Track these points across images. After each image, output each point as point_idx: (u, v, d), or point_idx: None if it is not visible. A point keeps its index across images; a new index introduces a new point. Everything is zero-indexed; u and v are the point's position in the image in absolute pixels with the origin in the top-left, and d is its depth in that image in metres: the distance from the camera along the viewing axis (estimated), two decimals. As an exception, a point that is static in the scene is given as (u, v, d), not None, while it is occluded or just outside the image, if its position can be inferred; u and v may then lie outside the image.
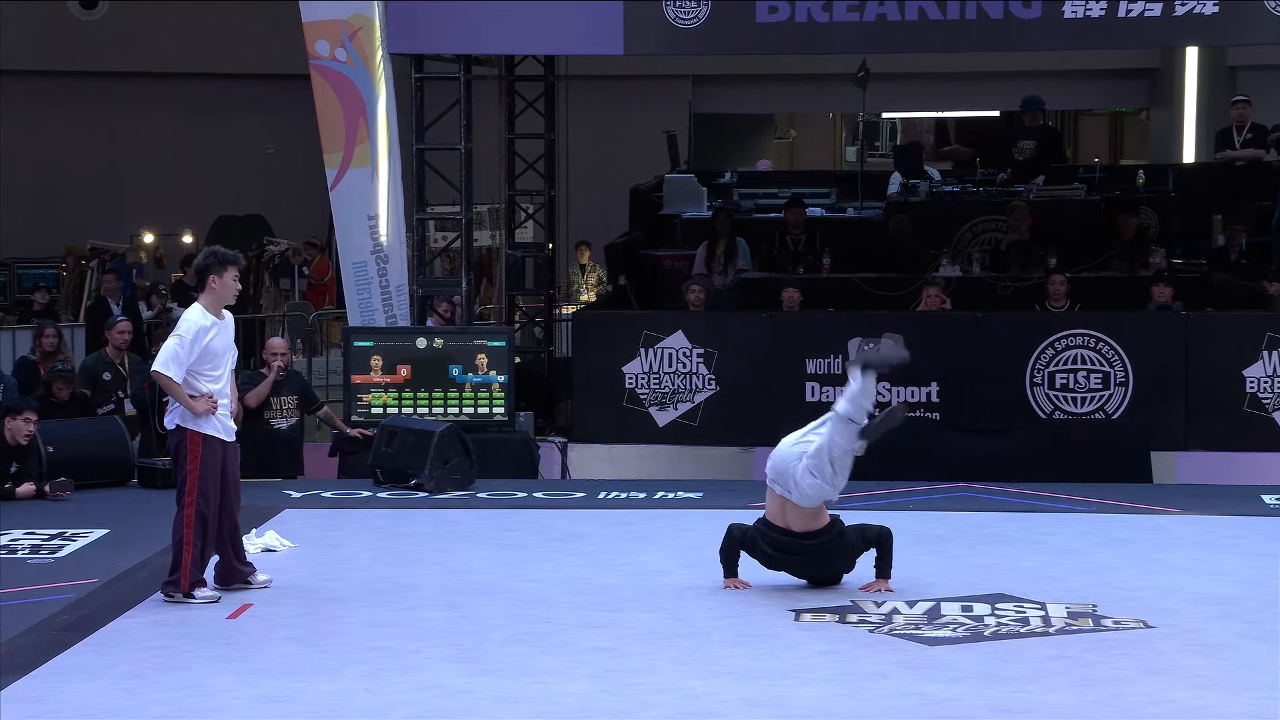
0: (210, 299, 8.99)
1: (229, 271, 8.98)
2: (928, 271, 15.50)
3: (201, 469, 8.91)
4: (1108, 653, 8.04)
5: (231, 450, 9.11)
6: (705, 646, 8.16)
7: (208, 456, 8.92)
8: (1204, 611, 8.75)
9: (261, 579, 9.22)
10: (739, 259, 16.16)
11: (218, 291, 8.98)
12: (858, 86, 18.45)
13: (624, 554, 10.20)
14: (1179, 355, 13.71)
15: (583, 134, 16.96)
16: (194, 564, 8.92)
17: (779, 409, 13.96)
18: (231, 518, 9.16)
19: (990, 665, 7.85)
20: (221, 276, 8.96)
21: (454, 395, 13.61)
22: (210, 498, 8.94)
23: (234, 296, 9.14)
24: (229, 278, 8.98)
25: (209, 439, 8.94)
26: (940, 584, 9.32)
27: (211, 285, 8.97)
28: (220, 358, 8.99)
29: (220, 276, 8.96)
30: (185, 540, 8.89)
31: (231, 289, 9.03)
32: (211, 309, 8.98)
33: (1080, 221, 16.33)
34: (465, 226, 14.42)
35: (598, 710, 7.25)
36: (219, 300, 9.01)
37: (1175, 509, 11.48)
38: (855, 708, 7.28)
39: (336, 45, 14.22)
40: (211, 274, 8.96)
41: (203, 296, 9.01)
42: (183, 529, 8.91)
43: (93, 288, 19.87)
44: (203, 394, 8.89)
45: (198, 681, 7.65)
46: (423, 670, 7.81)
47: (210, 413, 8.91)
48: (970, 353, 13.88)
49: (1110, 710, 7.24)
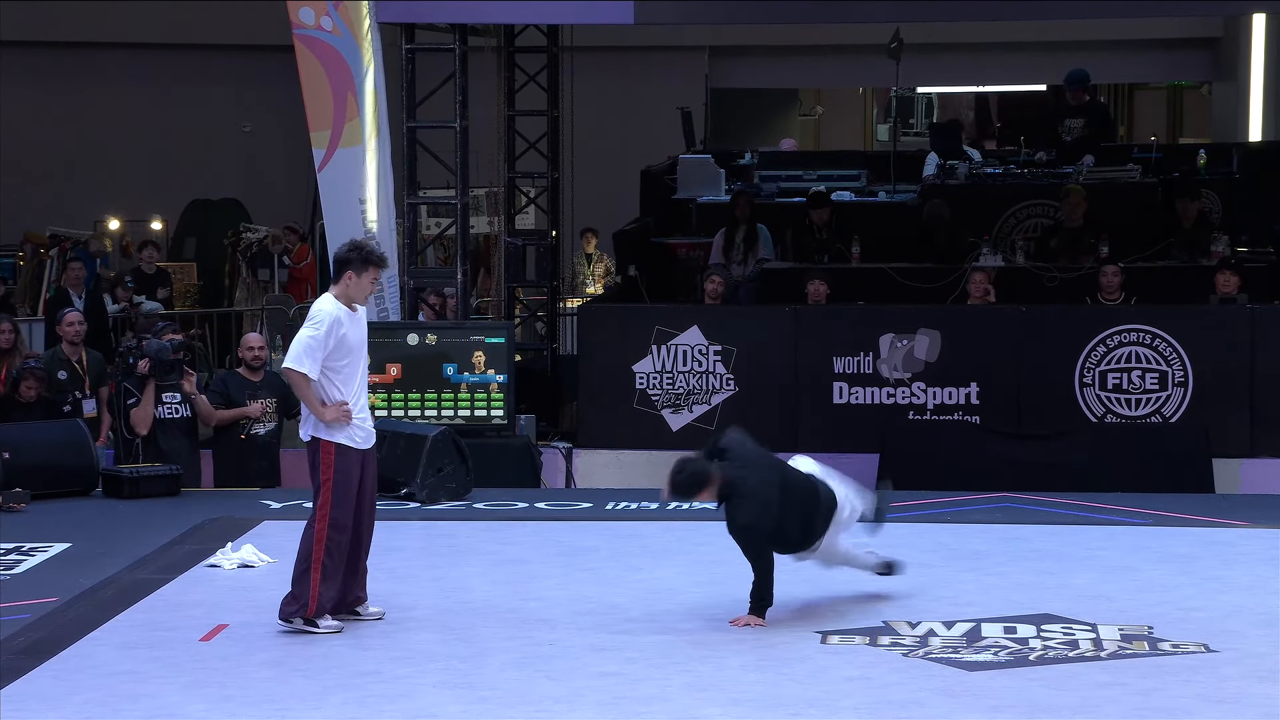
0: (341, 294, 8.95)
1: (369, 273, 8.94)
2: (967, 261, 15.50)
3: (336, 480, 8.87)
4: (1165, 680, 8.04)
5: (370, 460, 9.05)
6: (722, 671, 8.17)
7: (343, 467, 8.88)
8: (1272, 634, 8.74)
9: (374, 611, 9.16)
10: (760, 248, 16.18)
11: (350, 290, 8.94)
12: (890, 58, 18.45)
13: (634, 570, 10.21)
14: (1244, 353, 13.70)
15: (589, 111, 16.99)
16: (324, 585, 8.85)
17: (803, 412, 14.00)
18: (360, 539, 9.09)
19: (1035, 693, 7.85)
20: (360, 276, 8.92)
21: (448, 396, 13.63)
22: (346, 512, 8.90)
23: (365, 299, 9.12)
24: (367, 280, 8.95)
25: (344, 449, 8.89)
26: (981, 603, 9.32)
27: (347, 280, 8.93)
28: (354, 354, 8.94)
29: (359, 276, 8.92)
30: (315, 559, 8.84)
31: (366, 291, 9.01)
32: (344, 301, 8.96)
33: (1135, 206, 16.34)
34: (461, 212, 14.43)
35: (606, 741, 7.28)
36: (349, 299, 8.97)
37: (1240, 521, 11.48)
38: (888, 739, 7.29)
39: (322, 13, 14.23)
40: (350, 269, 8.93)
41: (335, 288, 8.97)
42: (313, 546, 8.85)
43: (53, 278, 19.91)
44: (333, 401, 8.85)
45: (168, 711, 7.66)
46: (415, 697, 7.82)
47: (344, 421, 8.85)
48: (1014, 350, 13.89)
49: (1168, 742, 7.24)
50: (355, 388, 8.95)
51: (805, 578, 9.95)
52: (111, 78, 24.79)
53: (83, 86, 24.73)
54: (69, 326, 13.70)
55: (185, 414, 12.81)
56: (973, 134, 27.74)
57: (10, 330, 14.09)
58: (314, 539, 8.85)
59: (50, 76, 24.52)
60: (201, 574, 10.03)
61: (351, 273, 8.93)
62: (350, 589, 9.07)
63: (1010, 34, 22.39)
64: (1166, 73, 26.16)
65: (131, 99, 24.82)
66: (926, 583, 9.71)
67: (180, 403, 12.74)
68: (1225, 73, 24.51)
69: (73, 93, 24.71)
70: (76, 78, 24.72)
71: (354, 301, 8.98)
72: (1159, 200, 16.39)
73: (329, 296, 8.96)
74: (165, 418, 12.68)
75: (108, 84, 24.79)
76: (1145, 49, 24.34)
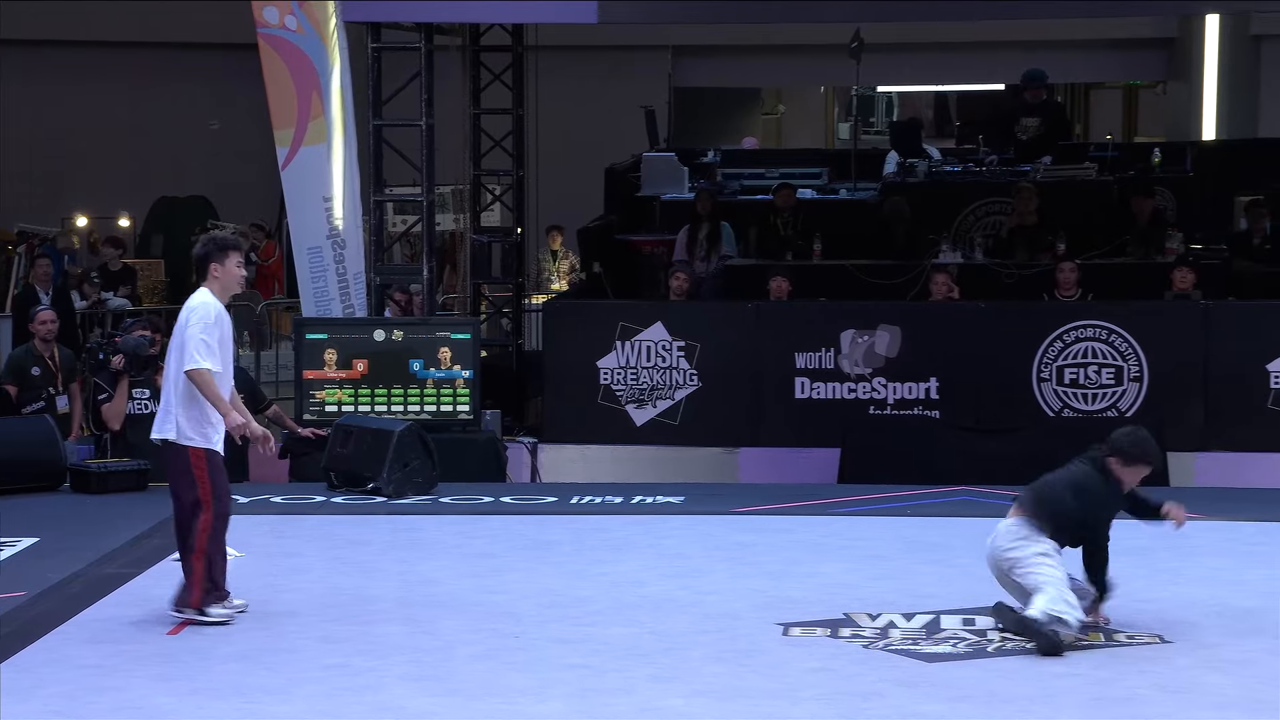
0: (216, 288, 8.89)
1: (231, 257, 8.90)
2: (926, 258, 15.54)
3: (212, 479, 8.82)
4: (1121, 670, 8.07)
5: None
6: (686, 663, 8.17)
7: (213, 467, 8.84)
8: (1225, 625, 8.78)
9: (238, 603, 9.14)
10: (723, 244, 16.19)
11: (221, 280, 8.88)
12: (851, 58, 18.48)
13: (599, 563, 10.21)
14: (1198, 348, 13.76)
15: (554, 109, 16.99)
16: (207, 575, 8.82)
17: (766, 407, 14.02)
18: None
19: (994, 683, 7.87)
20: (224, 264, 8.87)
21: (415, 392, 13.61)
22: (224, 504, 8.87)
23: (240, 284, 9.07)
24: (231, 264, 8.89)
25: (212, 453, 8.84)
26: (941, 595, 9.33)
27: (214, 274, 8.87)
28: (227, 350, 8.89)
29: (222, 264, 8.86)
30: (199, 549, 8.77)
31: (236, 276, 8.94)
32: (220, 298, 8.91)
33: (1091, 204, 16.38)
34: (427, 209, 14.40)
35: (570, 733, 7.27)
36: (224, 290, 8.91)
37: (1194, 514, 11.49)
38: (849, 729, 7.30)
39: (286, 12, 14.20)
40: (212, 262, 8.87)
41: (207, 285, 8.90)
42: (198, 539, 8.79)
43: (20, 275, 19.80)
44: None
45: (135, 704, 7.63)
46: (382, 690, 7.80)
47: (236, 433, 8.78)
48: (972, 346, 13.92)
49: (1124, 732, 7.27)
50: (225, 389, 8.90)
51: (768, 571, 9.98)
52: (79, 75, 24.65)
53: (51, 84, 24.58)
54: (41, 324, 13.64)
55: (154, 409, 12.74)
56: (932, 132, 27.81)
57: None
58: (199, 532, 8.78)
59: (18, 73, 24.35)
60: (169, 568, 9.97)
61: (215, 264, 8.87)
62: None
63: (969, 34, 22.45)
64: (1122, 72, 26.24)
65: (99, 96, 24.70)
66: (887, 575, 9.73)
67: (149, 398, 12.68)
68: (1179, 72, 24.60)
69: (40, 90, 24.55)
70: (44, 75, 24.57)
71: (228, 291, 8.93)
72: (1115, 198, 16.44)
73: (205, 292, 8.88)
74: (134, 413, 12.63)
75: (75, 81, 24.65)
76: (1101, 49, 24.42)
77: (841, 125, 28.48)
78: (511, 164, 16.22)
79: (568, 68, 20.69)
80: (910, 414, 13.82)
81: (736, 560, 10.26)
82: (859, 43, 18.25)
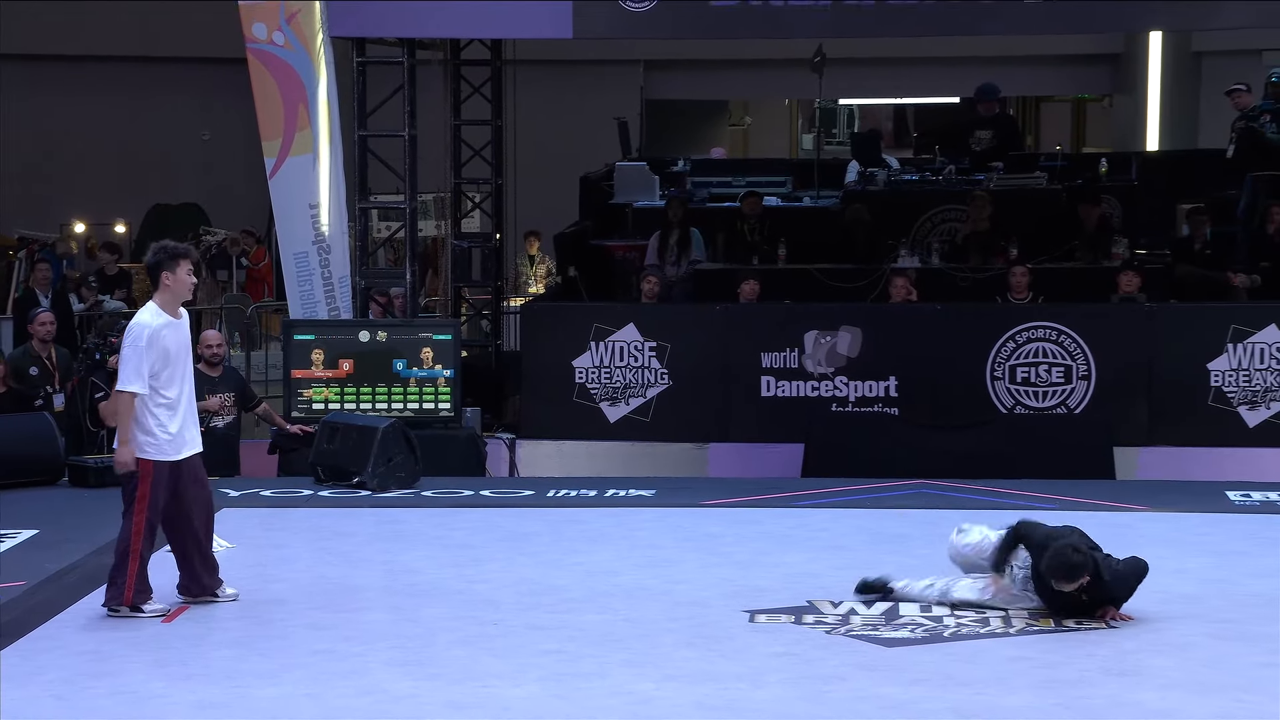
0: (166, 297, 8.82)
1: (182, 266, 8.83)
2: (886, 262, 15.55)
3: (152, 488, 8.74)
4: (1070, 654, 8.09)
5: (189, 466, 8.89)
6: (658, 649, 8.16)
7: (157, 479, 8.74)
8: (1168, 611, 8.81)
9: (230, 592, 9.09)
10: (692, 249, 16.18)
11: (173, 288, 8.82)
12: (814, 72, 18.49)
13: (574, 554, 10.20)
14: (1143, 349, 13.80)
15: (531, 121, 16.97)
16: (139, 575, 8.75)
17: (733, 404, 14.01)
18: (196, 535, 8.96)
19: (950, 667, 7.88)
20: (175, 272, 8.80)
21: (398, 390, 13.58)
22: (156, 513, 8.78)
23: (190, 291, 9.01)
24: (183, 272, 8.83)
25: (158, 464, 8.75)
26: (899, 583, 9.35)
27: (165, 282, 8.82)
28: (175, 361, 8.80)
29: (173, 272, 8.80)
30: (134, 550, 8.71)
31: (186, 284, 8.88)
32: (167, 308, 8.81)
33: (1042, 211, 16.41)
34: (410, 216, 14.38)
35: (548, 715, 7.25)
36: (175, 298, 8.85)
37: (1138, 506, 11.56)
38: (811, 711, 7.30)
39: (274, 28, 14.16)
40: (164, 270, 8.81)
41: (157, 295, 8.85)
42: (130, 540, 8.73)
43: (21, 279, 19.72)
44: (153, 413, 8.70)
45: (131, 688, 7.60)
46: (367, 674, 7.79)
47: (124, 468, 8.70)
48: (929, 346, 13.93)
49: (1073, 713, 7.28)
50: (178, 393, 8.79)
51: (736, 560, 9.98)
52: (77, 88, 24.56)
53: (49, 96, 24.49)
54: (41, 325, 13.59)
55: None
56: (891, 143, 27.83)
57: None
58: (131, 534, 8.71)
59: (18, 86, 24.27)
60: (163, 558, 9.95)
61: (166, 273, 8.80)
62: (208, 577, 9.01)
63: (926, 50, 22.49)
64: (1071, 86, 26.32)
65: (96, 108, 24.61)
66: (849, 564, 9.74)
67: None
68: (1125, 86, 24.68)
69: (40, 102, 24.47)
70: (43, 88, 24.49)
71: (179, 300, 8.86)
72: (1064, 205, 16.47)
73: (150, 307, 8.82)
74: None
75: (73, 94, 24.56)
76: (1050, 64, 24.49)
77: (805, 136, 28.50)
78: (491, 173, 16.20)
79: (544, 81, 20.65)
80: (870, 411, 13.83)
81: (706, 550, 10.27)
82: (821, 58, 18.26)
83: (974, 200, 16.02)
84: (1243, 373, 13.61)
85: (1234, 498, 11.86)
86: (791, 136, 29.08)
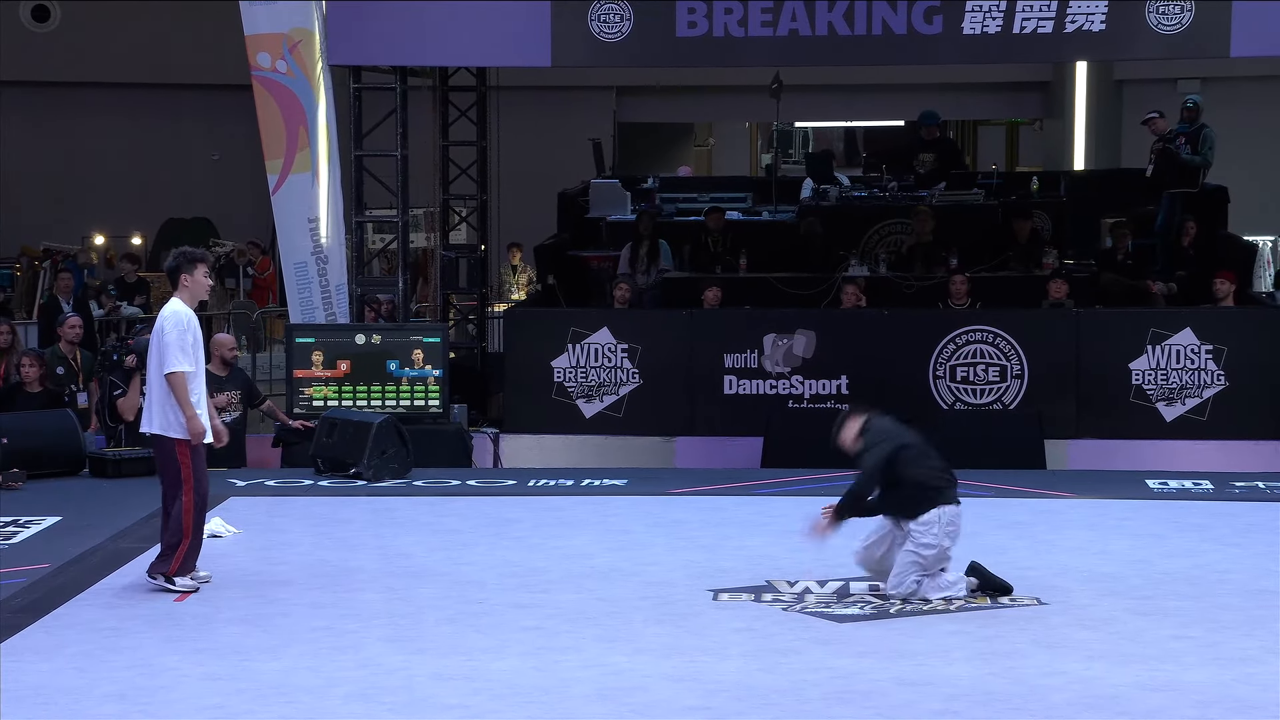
0: (184, 297, 8.84)
1: (199, 269, 8.86)
2: (838, 271, 15.57)
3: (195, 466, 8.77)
4: (1004, 628, 8.12)
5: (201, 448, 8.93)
6: (629, 625, 8.16)
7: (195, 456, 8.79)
8: (1093, 589, 8.85)
9: (203, 574, 9.08)
10: (661, 259, 16.18)
11: (191, 289, 8.85)
12: (772, 97, 18.51)
13: (552, 538, 10.19)
14: (1070, 350, 13.84)
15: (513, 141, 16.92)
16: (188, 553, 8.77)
17: (698, 401, 14.02)
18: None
19: (895, 641, 7.90)
20: (193, 274, 8.83)
21: (391, 389, 13.55)
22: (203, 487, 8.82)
23: (207, 292, 9.05)
24: (200, 274, 8.86)
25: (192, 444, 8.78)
26: (850, 565, 9.34)
27: (184, 283, 8.84)
28: (200, 354, 8.85)
29: (192, 274, 8.83)
30: (186, 529, 8.72)
31: (204, 285, 8.91)
32: (189, 305, 8.84)
33: (979, 225, 16.45)
34: (402, 229, 14.35)
35: (527, 686, 7.25)
36: (193, 298, 8.88)
37: (1067, 493, 11.59)
38: (769, 681, 7.31)
39: (277, 57, 14.12)
40: (183, 273, 8.83)
41: (179, 295, 8.85)
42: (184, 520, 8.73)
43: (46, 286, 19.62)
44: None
45: (146, 661, 7.58)
46: (362, 649, 7.77)
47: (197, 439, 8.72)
48: (877, 348, 13.95)
49: (1007, 681, 7.30)
50: (200, 381, 8.86)
51: (701, 544, 9.98)
52: (97, 112, 24.47)
53: (72, 120, 24.40)
54: (70, 329, 13.56)
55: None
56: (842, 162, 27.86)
57: (8, 331, 13.89)
58: (183, 513, 8.73)
59: (44, 111, 24.20)
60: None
61: (185, 274, 8.83)
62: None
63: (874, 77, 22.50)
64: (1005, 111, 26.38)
65: (115, 131, 24.51)
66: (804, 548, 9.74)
67: (157, 394, 12.56)
68: (1054, 111, 24.75)
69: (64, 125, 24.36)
70: (67, 112, 24.39)
71: (197, 299, 8.90)
72: (999, 219, 16.51)
73: (177, 301, 8.83)
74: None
75: (94, 118, 24.47)
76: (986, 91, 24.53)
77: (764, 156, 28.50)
78: (476, 189, 16.17)
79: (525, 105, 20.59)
80: (824, 407, 13.83)
81: (673, 535, 10.27)
82: (779, 84, 18.28)
83: (918, 215, 16.05)
84: (1161, 372, 13.67)
85: (1153, 485, 11.91)
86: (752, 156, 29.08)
